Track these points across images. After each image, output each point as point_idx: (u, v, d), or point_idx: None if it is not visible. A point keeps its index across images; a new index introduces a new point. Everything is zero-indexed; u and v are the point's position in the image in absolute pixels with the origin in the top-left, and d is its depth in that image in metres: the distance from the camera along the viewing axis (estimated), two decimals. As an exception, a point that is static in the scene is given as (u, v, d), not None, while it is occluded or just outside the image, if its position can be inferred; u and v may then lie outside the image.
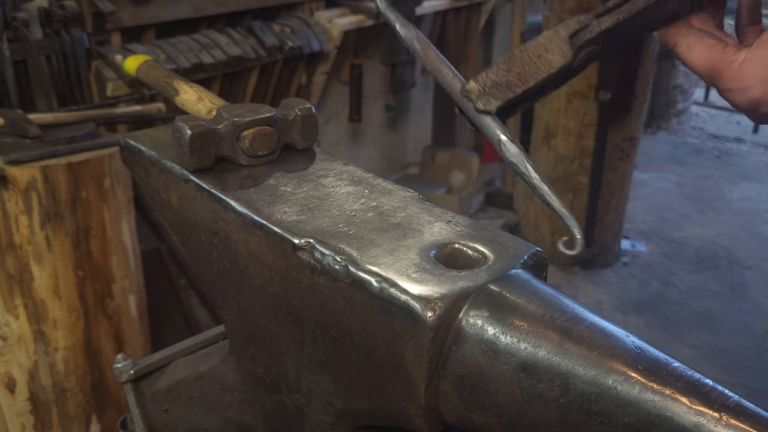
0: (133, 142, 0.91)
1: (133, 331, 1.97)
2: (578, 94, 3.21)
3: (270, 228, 0.71)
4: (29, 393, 1.83)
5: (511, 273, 0.63)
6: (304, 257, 0.68)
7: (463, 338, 0.58)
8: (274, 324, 0.76)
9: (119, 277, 1.88)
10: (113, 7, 2.28)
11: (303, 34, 2.88)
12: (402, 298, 0.59)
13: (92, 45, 2.26)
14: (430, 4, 3.64)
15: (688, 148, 5.39)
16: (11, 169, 1.66)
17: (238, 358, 0.88)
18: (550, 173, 3.40)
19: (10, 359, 1.79)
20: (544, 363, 0.55)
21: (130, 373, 0.96)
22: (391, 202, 0.76)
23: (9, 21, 2.00)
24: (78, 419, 1.90)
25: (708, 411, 0.48)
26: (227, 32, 2.67)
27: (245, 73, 2.77)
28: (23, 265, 1.72)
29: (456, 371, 0.59)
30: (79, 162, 1.72)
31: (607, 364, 0.53)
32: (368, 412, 0.69)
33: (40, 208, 1.69)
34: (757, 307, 3.33)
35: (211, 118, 0.85)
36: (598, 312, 0.59)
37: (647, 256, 3.75)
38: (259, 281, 0.75)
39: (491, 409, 0.58)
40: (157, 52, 2.39)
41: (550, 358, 0.54)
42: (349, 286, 0.63)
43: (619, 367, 0.52)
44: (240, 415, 0.90)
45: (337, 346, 0.67)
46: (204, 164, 0.82)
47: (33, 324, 1.77)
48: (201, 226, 0.82)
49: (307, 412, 0.77)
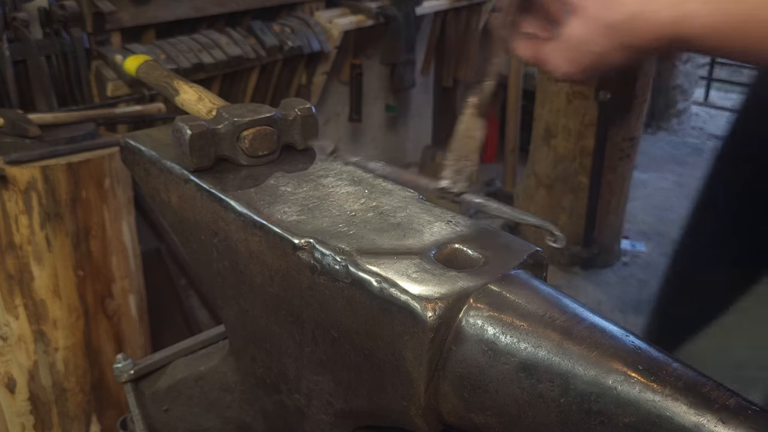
0: (133, 142, 0.91)
1: (133, 331, 1.97)
2: (578, 94, 3.21)
3: (270, 228, 0.71)
4: (29, 393, 1.83)
5: (511, 273, 0.63)
6: (304, 257, 0.68)
7: (463, 338, 0.58)
8: (274, 324, 0.76)
9: (119, 277, 1.88)
10: (113, 7, 2.28)
11: (303, 34, 2.88)
12: (402, 298, 0.59)
13: (92, 45, 2.26)
14: (430, 4, 3.64)
15: (688, 148, 5.38)
16: (11, 169, 1.66)
17: (238, 358, 0.88)
18: (550, 173, 3.40)
19: (10, 359, 1.79)
20: (544, 363, 0.55)
21: (130, 373, 0.96)
22: (391, 202, 0.76)
23: (9, 21, 2.00)
24: (78, 419, 1.90)
25: (708, 411, 0.48)
26: (227, 32, 2.67)
27: (245, 73, 2.77)
28: (23, 265, 1.72)
29: (456, 371, 0.59)
30: (79, 162, 1.72)
31: (607, 364, 0.53)
32: (368, 412, 0.69)
33: (40, 208, 1.69)
34: (757, 307, 3.32)
35: (211, 118, 0.85)
36: (598, 312, 0.59)
37: (647, 256, 3.75)
38: (259, 281, 0.75)
39: (491, 409, 0.58)
40: (157, 52, 2.39)
41: (550, 358, 0.54)
42: (349, 286, 0.63)
43: (619, 367, 0.52)
44: (240, 415, 0.90)
45: (337, 346, 0.67)
46: (204, 164, 0.82)
47: (33, 324, 1.77)
48: (201, 226, 0.82)
49: (307, 412, 0.77)
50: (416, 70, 3.84)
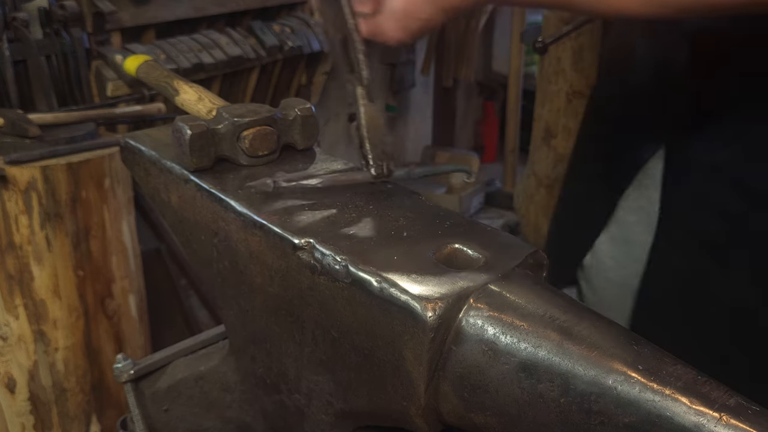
0: (133, 142, 0.91)
1: (133, 331, 1.97)
2: (578, 94, 3.21)
3: (270, 228, 0.71)
4: (29, 393, 1.83)
5: (511, 273, 0.63)
6: (304, 257, 0.68)
7: (463, 338, 0.58)
8: (274, 324, 0.76)
9: (119, 277, 1.88)
10: (113, 7, 2.28)
11: (303, 34, 2.88)
12: (402, 298, 0.59)
13: (92, 45, 2.26)
14: (430, 4, 3.64)
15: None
16: (11, 169, 1.66)
17: (238, 358, 0.88)
18: (550, 173, 3.40)
19: (10, 359, 1.79)
20: (544, 363, 0.55)
21: (130, 373, 0.96)
22: (390, 201, 0.76)
23: (9, 21, 2.00)
24: (78, 419, 1.90)
25: (708, 411, 0.48)
26: (227, 32, 2.67)
27: (245, 73, 2.77)
28: (23, 265, 1.72)
29: (456, 371, 0.59)
30: (79, 162, 1.72)
31: (607, 364, 0.53)
32: (368, 412, 0.69)
33: (40, 208, 1.69)
34: (757, 307, 3.32)
35: (211, 118, 0.86)
36: (598, 312, 0.59)
37: (647, 256, 3.75)
38: (259, 281, 0.75)
39: (491, 409, 0.58)
40: (157, 52, 2.39)
41: (550, 358, 0.54)
42: (349, 286, 0.63)
43: (619, 367, 0.52)
44: (240, 415, 0.90)
45: (337, 346, 0.67)
46: (204, 164, 0.82)
47: (33, 324, 1.77)
48: (201, 226, 0.82)
49: (307, 412, 0.77)
50: (416, 70, 3.84)
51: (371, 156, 0.78)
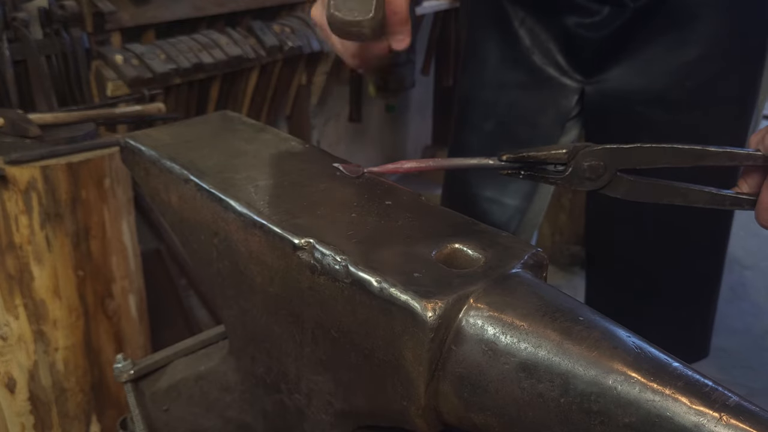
0: (133, 142, 0.91)
1: (133, 331, 1.97)
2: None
3: (270, 228, 0.71)
4: (29, 393, 1.83)
5: (511, 273, 0.63)
6: (304, 257, 0.68)
7: (463, 338, 0.58)
8: (274, 324, 0.76)
9: (119, 277, 1.88)
10: (113, 7, 2.28)
11: (303, 34, 2.88)
12: (402, 298, 0.59)
13: (92, 45, 2.26)
14: (430, 4, 3.64)
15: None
16: (11, 169, 1.66)
17: (238, 358, 0.88)
18: (550, 173, 3.39)
19: (10, 359, 1.79)
20: (544, 363, 0.55)
21: (130, 373, 0.96)
22: (390, 201, 0.76)
23: (9, 21, 2.00)
24: (78, 419, 1.90)
25: (708, 411, 0.48)
26: (227, 32, 2.67)
27: (245, 73, 2.77)
28: (23, 265, 1.72)
29: (456, 371, 0.59)
30: (79, 162, 1.72)
31: (607, 364, 0.53)
32: (368, 412, 0.69)
33: (40, 208, 1.69)
34: (756, 307, 3.32)
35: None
36: (598, 312, 0.59)
37: (647, 255, 3.75)
38: (259, 281, 0.75)
39: (491, 409, 0.58)
40: (157, 52, 2.39)
41: (550, 358, 0.54)
42: (349, 286, 0.63)
43: (619, 367, 0.52)
44: (240, 415, 0.90)
45: (337, 346, 0.67)
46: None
47: (33, 324, 1.77)
48: (201, 226, 0.82)
49: (307, 412, 0.77)
50: (416, 70, 3.83)
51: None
